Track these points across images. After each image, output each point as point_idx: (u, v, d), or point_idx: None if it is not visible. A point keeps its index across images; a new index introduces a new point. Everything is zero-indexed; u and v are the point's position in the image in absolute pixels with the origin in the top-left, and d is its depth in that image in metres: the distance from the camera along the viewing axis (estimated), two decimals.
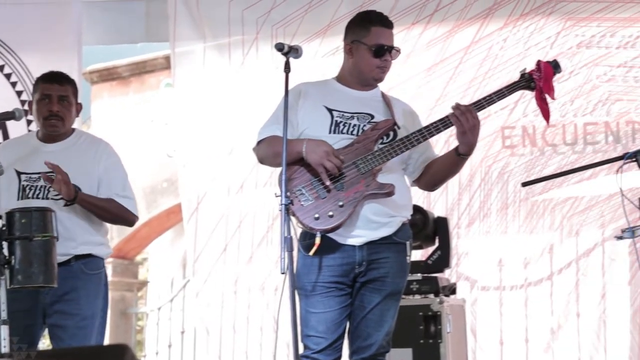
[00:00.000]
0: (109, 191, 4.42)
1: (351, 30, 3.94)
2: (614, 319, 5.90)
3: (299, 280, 3.71)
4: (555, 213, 6.09)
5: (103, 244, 4.49)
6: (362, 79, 3.91)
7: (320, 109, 3.82)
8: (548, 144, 6.14)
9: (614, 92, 6.06)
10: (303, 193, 3.68)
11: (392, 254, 3.80)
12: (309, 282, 3.71)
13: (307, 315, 3.72)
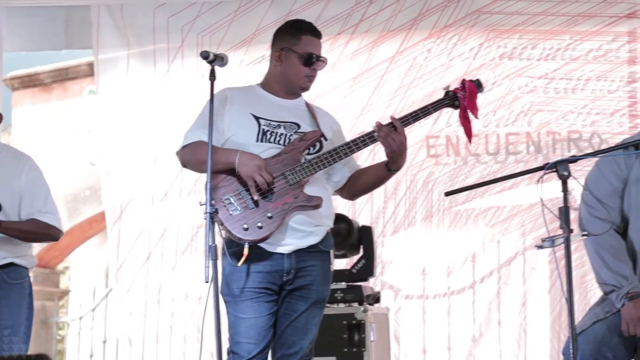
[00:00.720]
0: (31, 207, 4.38)
1: (281, 38, 3.92)
2: (534, 327, 5.99)
3: (227, 287, 3.69)
4: (478, 222, 6.16)
5: (27, 254, 4.43)
6: (289, 87, 3.90)
7: (247, 116, 3.80)
8: (471, 154, 6.21)
9: (535, 103, 6.17)
10: (231, 202, 3.66)
11: (318, 262, 3.81)
12: (237, 287, 3.68)
13: (237, 321, 3.69)
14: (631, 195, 3.76)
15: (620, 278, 3.67)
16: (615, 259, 3.70)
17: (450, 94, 3.93)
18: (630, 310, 3.60)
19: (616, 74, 6.11)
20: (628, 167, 3.80)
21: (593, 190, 3.82)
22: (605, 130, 6.09)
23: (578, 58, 6.14)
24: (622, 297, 3.64)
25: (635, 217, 3.75)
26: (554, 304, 5.99)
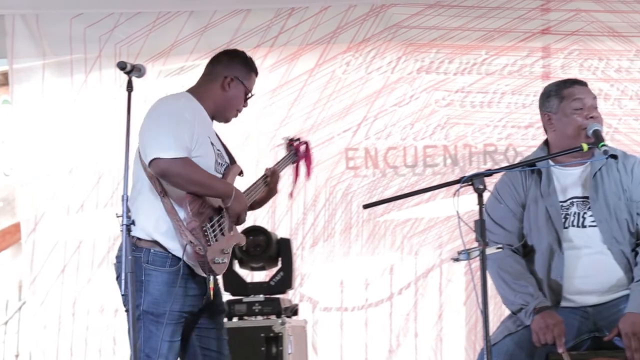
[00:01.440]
0: None
1: (236, 66, 3.89)
2: (450, 338, 6.05)
3: (158, 306, 3.63)
4: (396, 234, 6.20)
5: None
6: (221, 113, 3.88)
7: (207, 140, 3.76)
8: (390, 166, 6.25)
9: (452, 116, 6.24)
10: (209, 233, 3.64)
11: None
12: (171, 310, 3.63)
13: (161, 343, 3.64)
14: (530, 216, 3.84)
15: (525, 296, 3.74)
16: (516, 280, 3.77)
17: (292, 150, 4.12)
18: (538, 321, 3.67)
19: (531, 88, 6.22)
20: (525, 189, 3.88)
21: (492, 215, 3.88)
22: (520, 144, 6.18)
23: (494, 72, 6.24)
24: (530, 313, 3.71)
25: (535, 239, 3.82)
26: (470, 315, 6.06)
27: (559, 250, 3.77)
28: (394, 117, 6.25)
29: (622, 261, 3.75)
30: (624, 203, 3.79)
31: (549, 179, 3.86)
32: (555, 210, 3.80)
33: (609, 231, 3.75)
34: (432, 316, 6.09)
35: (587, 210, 3.79)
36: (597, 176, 3.82)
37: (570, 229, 3.79)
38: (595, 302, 3.79)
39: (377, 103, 6.26)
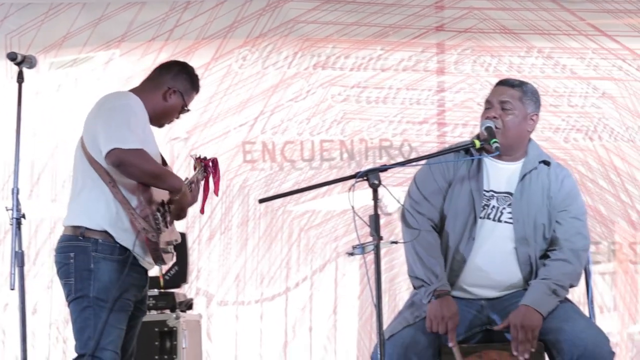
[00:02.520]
0: None
1: (181, 81, 3.96)
2: (344, 332, 6.10)
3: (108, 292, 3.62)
4: (293, 227, 6.22)
5: None
6: (157, 120, 3.94)
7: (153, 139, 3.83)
8: (287, 160, 6.26)
9: (348, 111, 6.28)
10: (160, 221, 3.68)
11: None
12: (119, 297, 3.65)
13: (110, 329, 3.64)
14: (453, 195, 3.88)
15: (430, 275, 3.77)
16: (429, 256, 3.80)
17: (202, 166, 4.17)
18: (435, 307, 3.71)
19: (426, 84, 6.30)
20: (455, 168, 3.92)
21: (420, 187, 3.91)
22: (415, 139, 6.26)
23: (389, 68, 6.30)
24: (429, 293, 3.75)
25: (452, 218, 3.87)
26: (364, 308, 6.11)
27: (470, 237, 3.82)
28: (291, 112, 6.27)
29: (526, 264, 3.81)
30: (546, 208, 3.84)
31: (479, 167, 3.90)
32: (479, 197, 3.84)
33: (522, 231, 3.81)
34: (326, 310, 6.13)
35: (507, 207, 3.84)
36: (526, 177, 3.87)
37: (486, 220, 3.84)
38: (490, 296, 3.85)
39: (274, 98, 6.27)
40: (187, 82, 3.96)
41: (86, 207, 3.66)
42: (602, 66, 6.32)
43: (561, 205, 3.86)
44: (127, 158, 3.60)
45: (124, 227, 3.65)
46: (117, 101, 3.77)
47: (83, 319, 3.59)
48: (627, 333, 6.15)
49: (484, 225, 3.82)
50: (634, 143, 6.28)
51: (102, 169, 3.67)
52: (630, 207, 6.25)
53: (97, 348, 3.60)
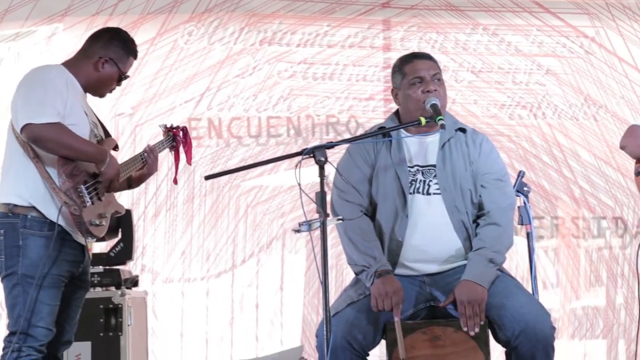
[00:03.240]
0: None
1: (112, 48, 3.92)
2: (290, 308, 6.12)
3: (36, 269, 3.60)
4: (239, 203, 6.21)
5: None
6: (95, 91, 3.92)
7: (80, 110, 3.79)
8: (233, 136, 6.24)
9: (295, 87, 6.27)
10: (85, 194, 3.67)
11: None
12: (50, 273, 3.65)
13: (40, 306, 3.63)
14: (379, 181, 3.91)
15: (369, 258, 3.80)
16: (364, 240, 3.83)
17: (170, 135, 4.20)
18: (378, 286, 3.74)
19: (372, 60, 6.31)
20: (376, 153, 3.95)
21: (344, 176, 3.94)
22: (361, 115, 6.28)
23: (336, 44, 6.30)
24: (371, 275, 3.78)
25: (382, 201, 3.90)
26: (310, 284, 6.14)
27: (403, 215, 3.85)
28: (237, 88, 6.24)
29: (462, 231, 3.85)
30: (469, 174, 3.89)
31: (399, 146, 3.93)
32: (405, 176, 3.87)
33: (451, 200, 3.85)
34: (273, 286, 6.14)
35: (433, 179, 3.88)
36: (445, 147, 3.91)
37: (416, 195, 3.87)
38: (432, 271, 3.88)
39: (220, 74, 6.24)
40: (119, 48, 3.90)
41: (14, 184, 3.65)
42: (546, 43, 6.37)
43: (483, 169, 3.91)
44: (41, 133, 3.59)
45: (50, 202, 3.64)
46: (36, 75, 3.73)
47: (13, 297, 3.59)
48: (569, 308, 6.25)
49: (415, 201, 3.86)
50: (578, 120, 6.35)
51: (27, 145, 3.65)
52: (573, 182, 6.33)
53: (29, 325, 3.59)
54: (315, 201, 3.49)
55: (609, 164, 6.31)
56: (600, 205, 6.31)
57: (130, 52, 3.95)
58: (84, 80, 3.83)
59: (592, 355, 6.21)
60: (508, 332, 3.68)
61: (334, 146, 3.67)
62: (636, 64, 6.33)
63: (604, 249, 6.28)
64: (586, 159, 6.34)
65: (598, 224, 6.31)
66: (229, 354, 5.97)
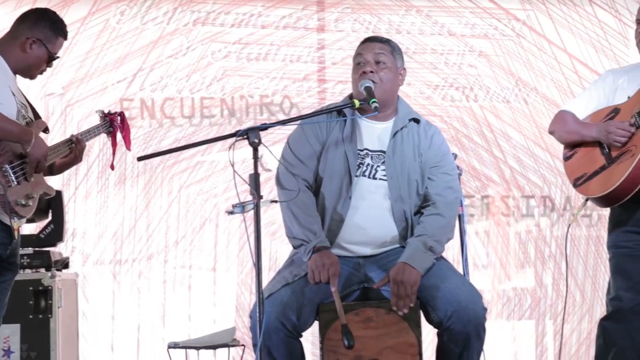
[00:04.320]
0: None
1: (39, 28, 3.90)
2: (223, 288, 6.12)
3: None
4: (172, 184, 6.17)
5: None
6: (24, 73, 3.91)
7: (7, 89, 3.76)
8: (166, 117, 6.20)
9: (229, 68, 6.24)
10: (10, 174, 3.66)
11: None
12: None
13: None
14: (328, 158, 3.92)
15: (308, 233, 3.82)
16: (306, 215, 3.85)
17: (107, 120, 4.20)
18: (315, 260, 3.76)
19: (306, 41, 6.31)
20: (328, 129, 3.96)
21: (294, 149, 3.96)
22: (296, 95, 6.28)
23: (270, 25, 6.28)
24: (309, 250, 3.80)
25: (328, 180, 3.91)
26: (244, 264, 6.14)
27: (347, 196, 3.87)
28: (170, 69, 6.20)
29: (401, 220, 3.89)
30: (418, 165, 3.92)
31: (353, 127, 3.94)
32: (353, 157, 3.89)
33: (396, 188, 3.88)
34: (206, 266, 6.13)
35: (381, 164, 3.91)
36: (397, 135, 3.94)
37: (362, 178, 3.90)
38: (367, 253, 3.92)
39: (153, 54, 6.18)
40: (47, 29, 3.87)
41: None
42: (479, 25, 6.43)
43: (432, 162, 3.95)
44: None
45: None
46: None
47: None
48: (500, 288, 6.34)
49: (359, 183, 3.89)
50: (509, 103, 6.43)
51: None
52: (503, 162, 6.41)
53: None
54: (249, 183, 3.48)
55: (538, 144, 6.40)
56: (529, 185, 6.40)
57: (58, 32, 3.90)
58: (13, 62, 3.79)
59: (521, 334, 6.32)
60: (441, 313, 3.73)
61: (267, 128, 3.67)
62: (565, 47, 6.42)
63: (533, 228, 6.38)
64: (516, 140, 6.42)
65: (527, 203, 6.41)
66: (161, 336, 5.95)
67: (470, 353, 3.75)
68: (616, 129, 4.15)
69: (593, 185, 4.24)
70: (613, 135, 4.16)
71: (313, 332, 3.86)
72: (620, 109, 4.26)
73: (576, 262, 6.33)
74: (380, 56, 3.93)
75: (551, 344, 6.30)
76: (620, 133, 4.15)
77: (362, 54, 3.94)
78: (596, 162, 4.26)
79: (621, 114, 4.24)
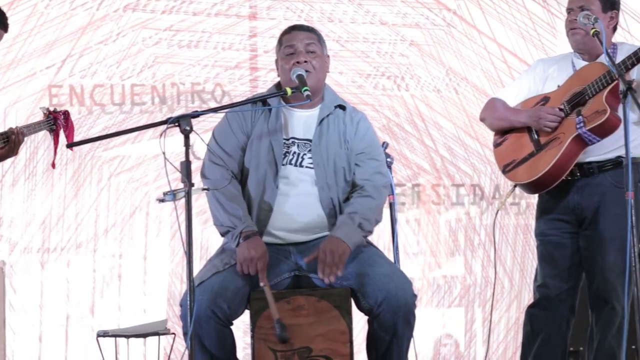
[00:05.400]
0: None
1: None
2: (154, 277, 6.09)
3: None
4: (102, 172, 6.11)
5: None
6: None
7: None
8: (96, 104, 6.14)
9: (160, 55, 6.20)
10: None
11: None
12: None
13: None
14: (253, 149, 3.93)
15: (234, 219, 3.84)
16: (231, 202, 3.86)
17: (50, 118, 4.15)
18: (243, 250, 3.77)
19: (238, 29, 6.28)
20: (253, 121, 3.97)
21: (218, 140, 3.97)
22: (227, 83, 6.25)
23: (202, 12, 6.24)
24: (236, 236, 3.81)
25: (254, 170, 3.92)
26: (175, 252, 6.11)
27: (274, 185, 3.88)
28: (100, 55, 6.13)
29: (329, 207, 3.91)
30: (344, 152, 3.95)
31: (277, 117, 3.95)
32: (278, 146, 3.90)
33: (323, 175, 3.90)
34: (137, 255, 6.09)
35: (307, 152, 3.92)
36: (323, 122, 3.96)
37: (288, 166, 3.91)
38: (298, 240, 3.93)
39: (82, 40, 6.10)
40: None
41: None
42: (410, 15, 6.46)
43: (358, 148, 3.98)
44: None
45: None
46: None
47: None
48: (430, 276, 6.40)
49: (286, 172, 3.90)
50: (440, 92, 6.48)
51: None
52: (434, 151, 6.46)
53: None
54: (180, 170, 3.48)
55: (468, 133, 6.47)
56: (459, 173, 6.47)
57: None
58: None
59: (451, 321, 6.39)
60: (371, 300, 3.75)
61: (199, 115, 3.66)
62: (495, 37, 6.49)
63: (463, 216, 6.45)
64: (447, 129, 6.48)
65: (457, 191, 6.47)
66: (91, 326, 5.90)
67: (400, 340, 3.79)
68: (546, 114, 4.22)
69: (521, 172, 4.31)
70: (543, 121, 4.23)
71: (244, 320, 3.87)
72: (550, 97, 4.33)
73: (505, 250, 6.42)
74: (311, 45, 3.95)
75: (480, 330, 6.38)
76: (550, 118, 4.22)
77: (293, 44, 3.95)
78: (525, 148, 4.33)
79: (551, 102, 4.31)
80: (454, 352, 6.36)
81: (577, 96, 4.20)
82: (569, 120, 4.20)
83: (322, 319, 3.75)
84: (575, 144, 4.16)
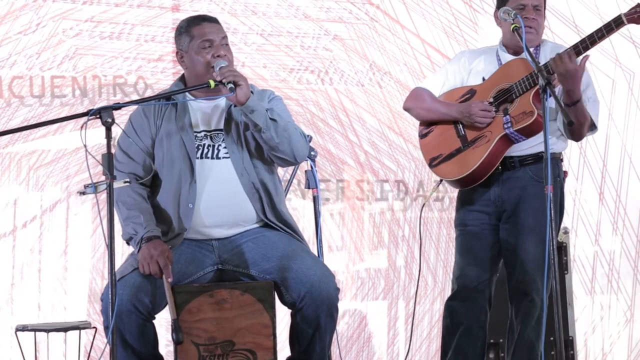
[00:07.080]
0: None
1: None
2: (75, 272, 6.02)
3: None
4: (21, 165, 6.03)
5: None
6: None
7: None
8: (15, 96, 6.05)
9: (81, 46, 6.12)
10: None
11: None
12: None
13: None
14: (164, 148, 3.91)
15: (136, 225, 3.82)
16: (130, 210, 3.85)
17: None
18: (143, 252, 3.75)
19: (161, 21, 6.24)
20: (159, 121, 3.94)
21: (124, 149, 3.95)
22: (150, 76, 6.21)
23: (123, 3, 6.18)
24: (137, 242, 3.79)
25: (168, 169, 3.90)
26: (96, 247, 6.05)
27: (192, 181, 3.86)
28: (19, 46, 6.03)
29: (253, 193, 3.91)
30: (250, 134, 3.93)
31: (185, 112, 3.93)
32: (190, 142, 3.89)
33: (240, 162, 3.89)
34: (57, 250, 6.02)
35: (222, 143, 3.91)
36: (231, 110, 3.95)
37: (205, 160, 3.89)
38: (221, 235, 3.92)
39: (1, 30, 6.00)
40: None
41: None
42: (333, 9, 6.49)
43: None
44: None
45: None
46: None
47: None
48: (354, 270, 6.44)
49: (203, 166, 3.89)
50: (363, 86, 6.51)
51: None
52: (358, 146, 6.50)
53: None
54: (101, 163, 3.45)
55: (392, 128, 6.52)
56: (383, 169, 6.51)
57: None
58: None
59: (374, 315, 6.44)
60: (294, 293, 3.76)
61: (121, 107, 3.63)
62: (418, 32, 6.55)
63: (387, 212, 6.50)
64: (371, 124, 6.52)
65: (381, 187, 6.52)
66: (9, 323, 5.80)
67: (322, 333, 3.80)
68: (478, 111, 4.27)
69: (449, 168, 4.36)
70: (475, 117, 4.27)
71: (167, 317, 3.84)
72: (476, 90, 4.37)
73: (428, 246, 6.48)
74: (226, 38, 3.97)
75: (402, 326, 6.44)
76: (482, 114, 4.27)
77: (209, 34, 3.94)
78: (452, 143, 4.37)
79: (477, 96, 4.35)
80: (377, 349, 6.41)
81: (504, 93, 4.26)
82: (497, 118, 4.25)
83: (245, 313, 3.75)
84: (502, 142, 4.23)
